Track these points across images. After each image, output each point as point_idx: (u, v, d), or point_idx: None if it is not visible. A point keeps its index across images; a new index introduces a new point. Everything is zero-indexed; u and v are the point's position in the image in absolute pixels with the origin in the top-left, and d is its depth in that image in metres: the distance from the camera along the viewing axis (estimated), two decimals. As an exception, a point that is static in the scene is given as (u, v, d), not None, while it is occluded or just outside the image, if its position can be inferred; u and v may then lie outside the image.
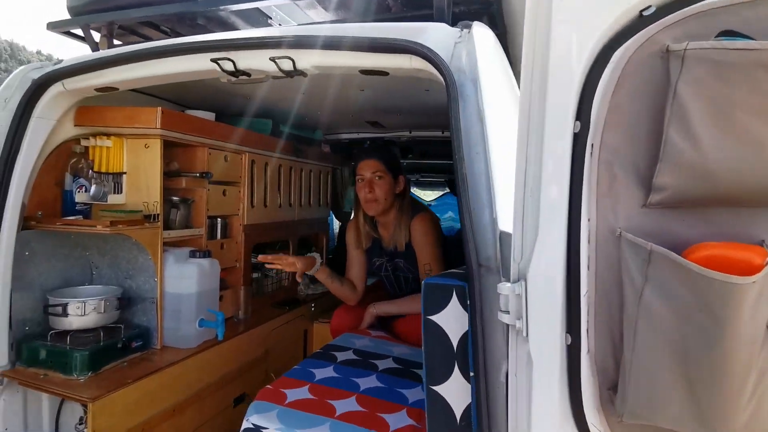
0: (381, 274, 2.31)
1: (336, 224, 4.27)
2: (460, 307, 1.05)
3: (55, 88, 1.53)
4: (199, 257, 1.89)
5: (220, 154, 2.16)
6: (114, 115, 1.69)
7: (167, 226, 1.91)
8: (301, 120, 2.82)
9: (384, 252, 2.20)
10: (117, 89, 1.56)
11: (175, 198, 1.96)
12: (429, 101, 2.16)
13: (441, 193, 6.33)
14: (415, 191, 4.60)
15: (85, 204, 1.83)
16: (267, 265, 2.03)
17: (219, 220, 2.22)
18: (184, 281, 1.84)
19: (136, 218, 1.70)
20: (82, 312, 1.61)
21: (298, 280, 2.12)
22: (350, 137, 3.41)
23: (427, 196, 6.59)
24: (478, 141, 1.03)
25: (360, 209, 2.14)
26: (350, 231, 2.29)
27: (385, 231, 2.16)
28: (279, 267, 2.01)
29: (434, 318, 1.07)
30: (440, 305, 1.07)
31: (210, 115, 2.02)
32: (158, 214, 1.79)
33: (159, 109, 1.64)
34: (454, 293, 1.05)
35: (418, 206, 2.23)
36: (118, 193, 1.83)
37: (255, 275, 2.55)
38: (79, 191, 1.82)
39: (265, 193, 2.52)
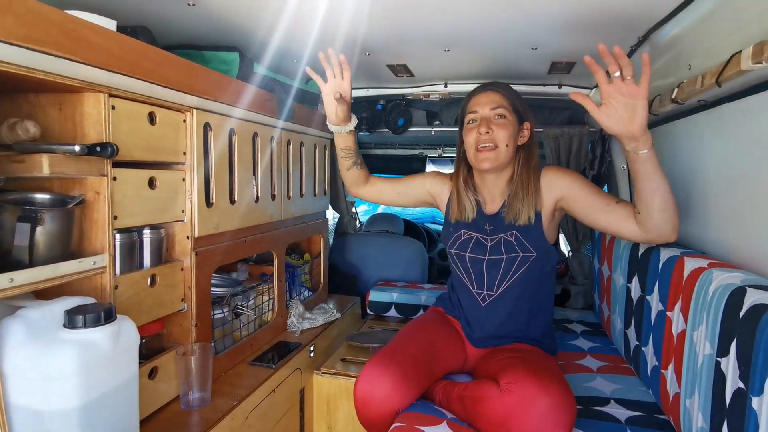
0: (458, 254, 1.52)
1: (333, 217, 3.25)
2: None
3: None
4: (87, 324, 0.87)
5: (140, 110, 1.12)
6: None
7: (10, 262, 0.88)
8: (287, 58, 1.77)
9: (480, 223, 1.50)
10: None
11: (31, 200, 0.92)
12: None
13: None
14: (430, 169, 3.63)
15: None
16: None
17: (143, 233, 1.20)
18: (51, 385, 0.83)
19: None
20: None
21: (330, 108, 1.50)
22: (357, 94, 2.38)
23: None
24: None
25: (462, 165, 1.55)
26: (440, 179, 1.63)
27: (489, 195, 1.52)
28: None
29: None
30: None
31: (107, 23, 0.96)
32: (-29, 242, 0.76)
33: None
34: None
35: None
36: None
37: (218, 314, 1.55)
38: None
39: (232, 181, 1.50)
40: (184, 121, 1.28)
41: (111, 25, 0.98)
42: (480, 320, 1.50)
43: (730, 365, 0.93)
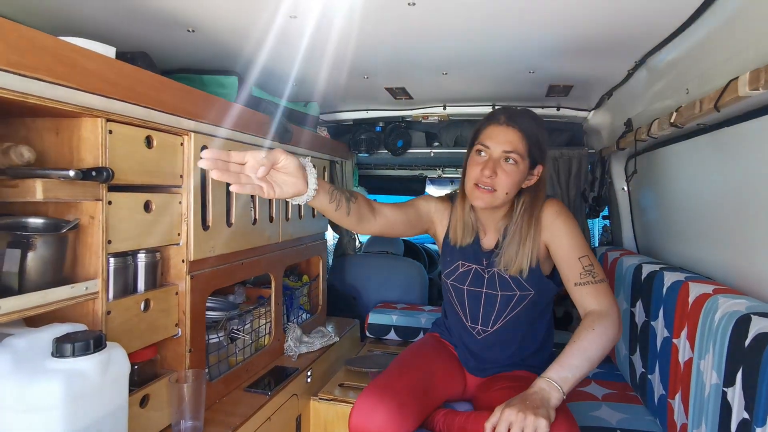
0: (455, 286, 1.44)
1: (331, 237, 3.24)
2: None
3: None
4: (76, 353, 0.85)
5: (137, 134, 1.12)
6: None
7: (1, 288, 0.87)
8: (286, 81, 1.79)
9: (479, 255, 1.40)
10: None
11: (23, 225, 0.91)
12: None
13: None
14: (430, 190, 3.63)
15: None
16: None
17: (138, 257, 1.18)
18: (34, 417, 0.80)
19: None
20: None
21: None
22: (356, 116, 2.40)
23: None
24: None
25: (464, 191, 1.36)
26: (440, 204, 1.48)
27: (486, 225, 1.42)
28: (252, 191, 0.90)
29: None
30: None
31: (105, 50, 0.97)
32: (-42, 269, 0.74)
33: None
34: None
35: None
36: None
37: (213, 339, 1.52)
38: None
39: (229, 204, 1.49)
40: (182, 144, 1.28)
41: (110, 51, 0.99)
42: (476, 352, 1.46)
43: (735, 395, 0.90)
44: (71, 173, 0.90)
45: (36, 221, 0.96)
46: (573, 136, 2.46)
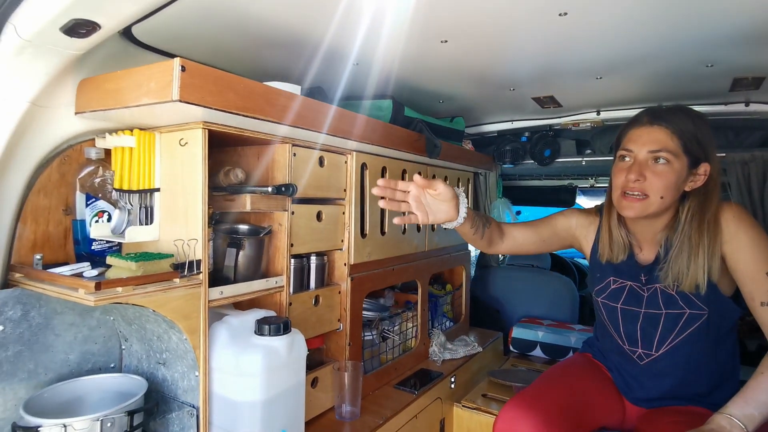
0: (606, 305, 1.31)
1: (475, 250, 3.25)
2: None
3: (8, 39, 0.83)
4: (271, 333, 1.06)
5: (313, 155, 1.34)
6: (117, 84, 0.95)
7: (219, 278, 1.13)
8: (435, 99, 1.90)
9: (634, 271, 1.26)
10: (97, 26, 0.81)
11: (236, 230, 1.18)
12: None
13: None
14: (581, 201, 3.38)
15: (108, 241, 1.14)
16: (385, 203, 1.07)
17: (311, 259, 1.40)
18: (244, 381, 1.02)
19: (155, 273, 0.94)
20: (63, 444, 0.88)
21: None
22: (501, 128, 2.40)
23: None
24: None
25: (612, 203, 1.24)
26: (584, 218, 1.40)
27: (643, 239, 1.26)
28: (405, 215, 1.12)
29: None
30: None
31: (294, 89, 1.20)
32: (199, 261, 1.01)
33: (176, 60, 0.84)
34: None
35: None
36: (148, 224, 1.10)
37: (367, 336, 1.69)
38: (96, 221, 1.14)
39: (383, 214, 1.65)
40: (346, 162, 1.47)
41: (296, 89, 1.21)
42: (639, 379, 1.30)
43: None
44: (269, 189, 1.14)
45: (244, 227, 1.22)
46: (769, 136, 2.05)
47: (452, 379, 1.82)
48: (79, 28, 0.84)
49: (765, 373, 0.97)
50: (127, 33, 1.09)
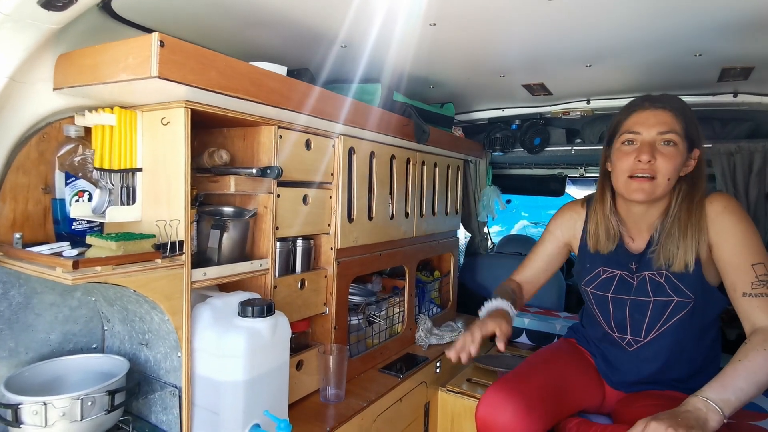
0: (596, 294, 1.34)
1: (464, 237, 3.27)
2: None
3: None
4: (255, 315, 1.06)
5: (299, 138, 1.32)
6: (94, 59, 0.92)
7: (203, 260, 1.13)
8: (425, 84, 1.89)
9: (624, 260, 1.29)
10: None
11: (221, 212, 1.17)
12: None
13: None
14: (571, 190, 3.40)
15: (89, 221, 1.13)
16: (447, 353, 1.25)
17: (297, 243, 1.40)
18: (226, 361, 1.02)
19: (135, 253, 0.93)
20: (43, 422, 0.88)
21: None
22: (491, 115, 2.40)
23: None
24: None
25: (607, 188, 1.30)
26: (566, 217, 1.45)
27: (635, 228, 1.30)
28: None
29: None
30: None
31: (280, 70, 1.18)
32: (182, 242, 1.00)
33: (155, 35, 0.81)
34: None
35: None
36: (129, 204, 1.09)
37: (354, 320, 1.70)
38: (77, 200, 1.12)
39: (371, 199, 1.64)
40: (333, 146, 1.46)
41: (282, 70, 1.20)
42: (624, 364, 1.33)
43: None
44: (254, 171, 1.13)
45: (228, 209, 1.21)
46: (757, 127, 2.07)
47: (438, 364, 1.84)
48: (56, 1, 0.81)
49: (743, 361, 0.99)
50: (107, 7, 1.06)
